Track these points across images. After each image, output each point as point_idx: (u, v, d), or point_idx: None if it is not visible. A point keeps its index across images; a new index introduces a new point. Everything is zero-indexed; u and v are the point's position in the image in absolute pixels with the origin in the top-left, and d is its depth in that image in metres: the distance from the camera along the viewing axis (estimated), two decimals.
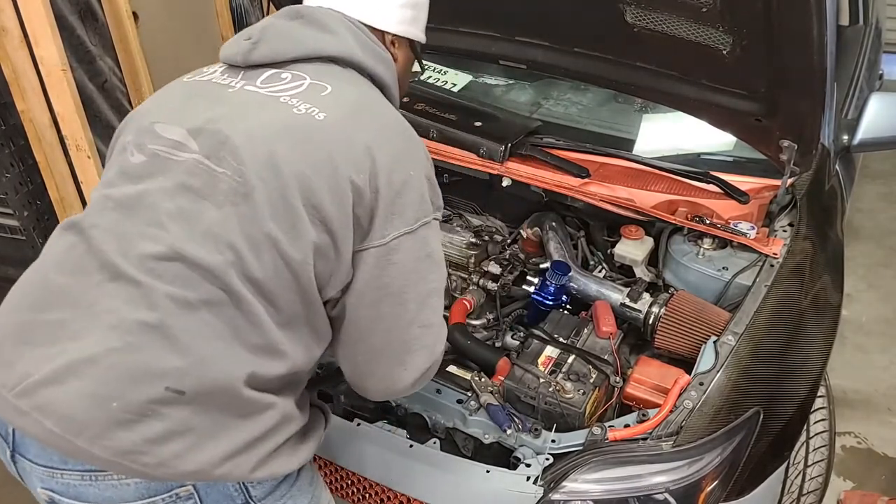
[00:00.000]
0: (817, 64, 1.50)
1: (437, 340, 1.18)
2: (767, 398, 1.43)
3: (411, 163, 1.14)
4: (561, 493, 1.30)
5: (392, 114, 1.19)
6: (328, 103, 1.11)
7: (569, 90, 2.40)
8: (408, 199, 1.11)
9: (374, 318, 1.13)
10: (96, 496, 1.04)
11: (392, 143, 1.13)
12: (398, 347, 1.15)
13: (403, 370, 1.16)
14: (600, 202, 1.85)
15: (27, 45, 2.61)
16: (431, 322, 1.17)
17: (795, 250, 1.67)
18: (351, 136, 1.09)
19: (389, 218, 1.10)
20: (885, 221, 3.67)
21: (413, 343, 1.15)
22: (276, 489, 1.14)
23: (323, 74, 1.16)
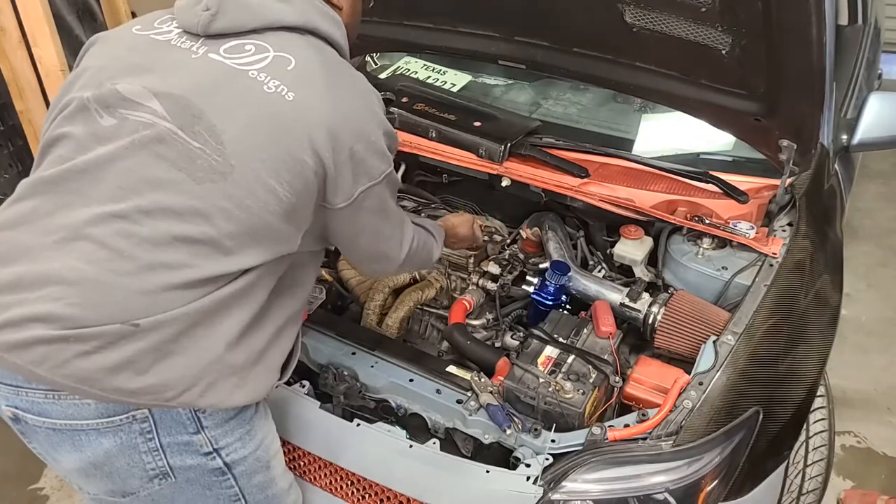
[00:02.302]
0: (816, 63, 1.50)
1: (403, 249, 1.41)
2: (767, 398, 1.43)
3: (373, 125, 1.22)
4: (560, 492, 1.30)
5: (351, 79, 1.23)
6: (295, 80, 1.15)
7: (568, 90, 2.40)
8: (373, 160, 1.21)
9: (355, 242, 1.35)
10: (59, 413, 1.13)
11: (356, 112, 1.20)
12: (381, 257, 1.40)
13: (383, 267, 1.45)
14: (600, 202, 1.85)
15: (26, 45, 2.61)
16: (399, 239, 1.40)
17: (795, 250, 1.67)
18: (320, 116, 1.15)
19: (358, 179, 1.21)
20: (885, 221, 3.67)
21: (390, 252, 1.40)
22: (226, 423, 1.21)
23: (285, 45, 1.19)
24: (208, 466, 1.22)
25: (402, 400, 1.55)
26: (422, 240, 1.49)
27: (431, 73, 2.47)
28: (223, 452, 1.22)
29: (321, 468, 1.56)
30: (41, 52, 2.59)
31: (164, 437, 1.16)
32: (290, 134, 1.13)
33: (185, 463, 1.20)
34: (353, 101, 1.20)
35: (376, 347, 1.64)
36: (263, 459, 1.30)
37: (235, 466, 1.25)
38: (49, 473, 2.47)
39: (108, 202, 1.10)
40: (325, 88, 1.17)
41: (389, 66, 2.57)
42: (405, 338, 1.91)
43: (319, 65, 1.20)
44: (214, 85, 1.15)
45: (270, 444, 1.33)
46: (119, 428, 1.14)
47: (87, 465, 1.17)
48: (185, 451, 1.19)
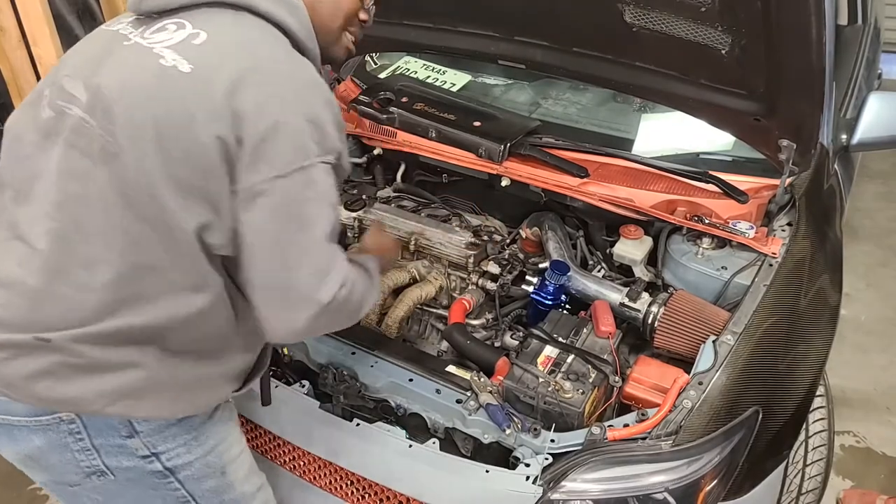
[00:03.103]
0: (816, 63, 1.50)
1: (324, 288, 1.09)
2: (766, 397, 1.43)
3: (285, 105, 1.07)
4: (560, 492, 1.30)
5: (271, 54, 1.12)
6: (198, 53, 1.09)
7: (568, 90, 2.40)
8: (277, 145, 1.05)
9: (255, 260, 1.10)
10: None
11: (261, 86, 1.07)
12: (286, 292, 1.10)
13: (291, 314, 1.10)
14: (599, 202, 1.85)
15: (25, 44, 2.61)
16: (318, 268, 1.10)
17: (794, 250, 1.68)
18: (213, 88, 1.06)
19: (255, 164, 1.05)
20: (884, 221, 3.67)
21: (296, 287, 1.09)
22: (165, 429, 1.20)
23: (206, 21, 1.13)
24: (147, 469, 1.21)
25: (402, 400, 1.55)
26: (359, 284, 1.18)
27: (431, 72, 2.47)
28: (163, 457, 1.21)
29: (321, 468, 1.56)
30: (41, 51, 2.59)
31: (95, 439, 1.17)
32: (183, 107, 1.06)
33: (121, 464, 1.19)
34: (270, 80, 1.08)
35: (376, 347, 1.64)
36: (215, 465, 1.28)
37: (179, 471, 1.23)
38: None
39: (37, 201, 1.12)
40: (234, 62, 1.08)
41: (389, 66, 2.57)
42: (405, 337, 1.91)
43: (236, 39, 1.12)
44: (121, 65, 1.13)
45: (226, 449, 1.30)
46: (48, 427, 1.15)
47: (24, 457, 1.20)
48: (120, 453, 1.19)
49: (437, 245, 1.94)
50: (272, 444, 1.63)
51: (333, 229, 1.12)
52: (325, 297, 1.09)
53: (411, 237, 1.96)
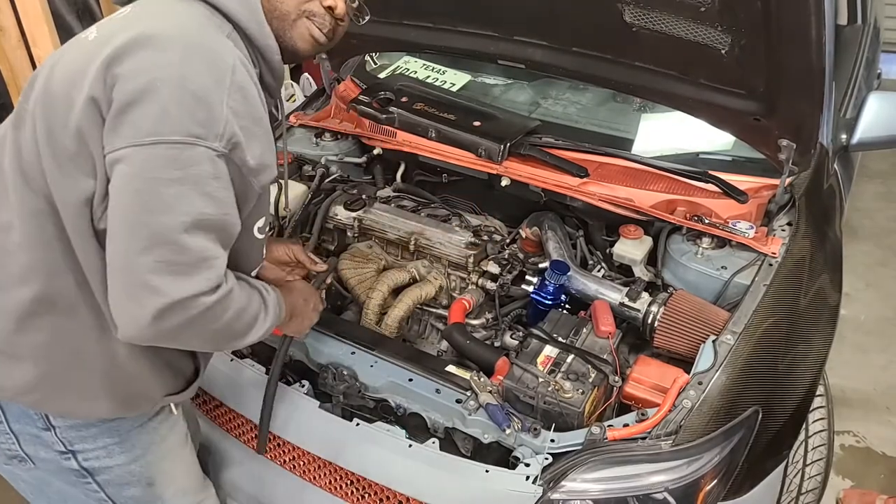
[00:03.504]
0: (816, 63, 1.50)
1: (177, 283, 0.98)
2: (766, 397, 1.43)
3: (165, 71, 0.98)
4: (560, 492, 1.30)
5: (182, 26, 1.04)
6: (109, 23, 1.09)
7: (567, 90, 2.40)
8: (143, 110, 0.97)
9: (111, 234, 1.01)
10: None
11: (148, 50, 1.00)
12: (129, 277, 0.99)
13: (134, 305, 0.99)
14: (599, 202, 1.85)
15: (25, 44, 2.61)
16: (169, 259, 0.98)
17: (794, 249, 1.68)
18: (103, 51, 1.01)
19: (117, 128, 0.98)
20: (884, 221, 3.67)
21: (142, 275, 0.98)
22: (84, 428, 1.18)
23: (148, 4, 1.11)
24: (64, 465, 1.20)
25: (402, 399, 1.55)
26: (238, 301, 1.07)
27: (431, 72, 2.47)
28: (80, 457, 1.20)
29: (321, 468, 1.56)
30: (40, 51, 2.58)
31: (13, 424, 1.17)
32: (73, 71, 1.04)
33: (39, 454, 1.19)
34: (161, 46, 1.00)
35: (376, 347, 1.64)
36: (140, 475, 1.25)
37: (98, 473, 1.22)
38: None
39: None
40: (134, 29, 1.02)
41: (389, 66, 2.57)
42: (405, 337, 1.91)
43: (152, 12, 1.08)
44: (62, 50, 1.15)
45: (155, 461, 1.27)
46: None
47: None
48: (37, 443, 1.19)
49: (437, 245, 1.94)
50: (272, 444, 1.63)
51: (207, 223, 1.00)
52: (177, 293, 0.97)
53: (411, 237, 1.96)
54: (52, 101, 1.05)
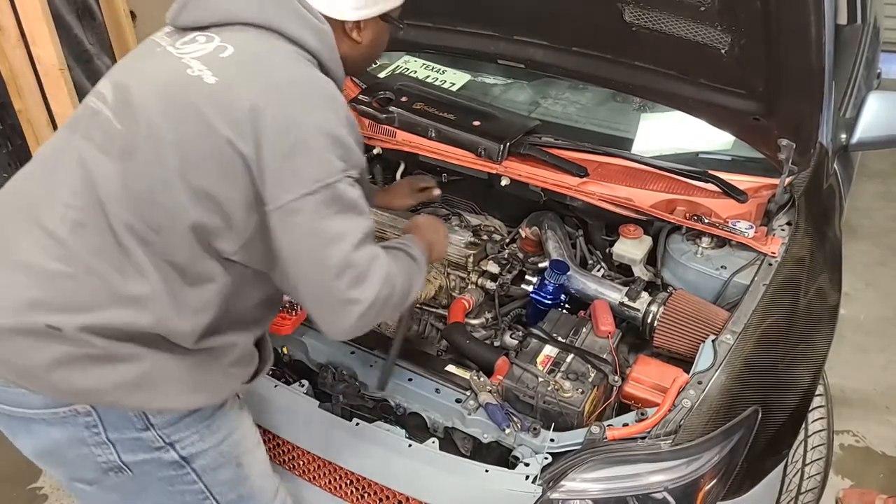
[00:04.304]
0: (815, 63, 1.50)
1: (365, 291, 1.14)
2: (766, 397, 1.43)
3: (307, 121, 1.09)
4: (560, 492, 1.30)
5: (292, 73, 1.14)
6: (223, 65, 1.12)
7: (567, 89, 2.40)
8: (302, 163, 1.08)
9: (298, 273, 1.14)
10: (11, 400, 1.16)
11: (284, 102, 1.10)
12: (331, 299, 1.15)
13: (339, 317, 1.16)
14: (599, 201, 1.85)
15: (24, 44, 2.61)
16: (355, 276, 1.13)
17: (794, 249, 1.68)
18: (235, 99, 1.09)
19: (282, 183, 1.08)
20: (883, 220, 3.67)
21: (341, 295, 1.13)
22: (180, 420, 1.21)
23: (234, 38, 1.16)
24: (163, 460, 1.21)
25: (401, 399, 1.55)
26: (400, 276, 1.23)
27: (430, 72, 2.47)
28: (178, 446, 1.22)
29: (320, 467, 1.56)
30: (40, 51, 2.59)
31: (110, 433, 1.17)
32: (200, 117, 1.08)
33: (137, 458, 1.20)
34: (291, 97, 1.11)
35: (375, 347, 1.64)
36: (229, 454, 1.28)
37: (194, 460, 1.24)
38: (48, 473, 2.46)
39: (55, 187, 1.15)
40: (256, 77, 1.12)
41: (389, 66, 2.57)
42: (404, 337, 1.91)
43: (260, 56, 1.15)
44: (151, 72, 1.18)
45: (239, 440, 1.31)
46: (65, 420, 1.15)
47: (42, 452, 1.20)
48: (135, 447, 1.19)
49: None
50: (272, 444, 1.63)
51: (366, 235, 1.16)
52: (368, 298, 1.14)
53: None
54: (183, 143, 1.09)
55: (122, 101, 1.15)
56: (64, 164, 1.16)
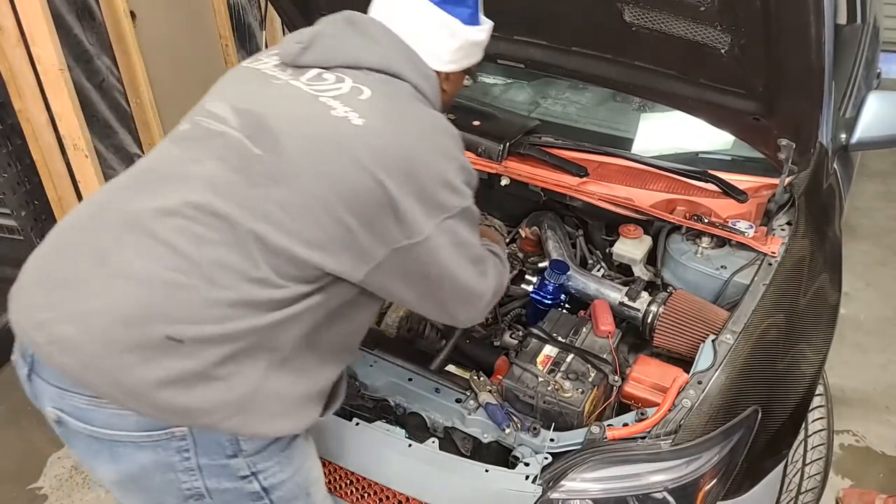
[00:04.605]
0: (815, 63, 1.50)
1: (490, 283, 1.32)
2: (766, 397, 1.44)
3: (444, 160, 1.20)
4: (560, 491, 1.30)
5: (426, 116, 1.25)
6: (365, 108, 1.18)
7: (567, 89, 2.40)
8: (444, 194, 1.19)
9: (440, 284, 1.25)
10: (101, 421, 1.12)
11: (426, 144, 1.20)
12: (467, 298, 1.29)
13: (474, 309, 1.32)
14: (599, 201, 1.85)
15: (24, 43, 2.60)
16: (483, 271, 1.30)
17: (794, 249, 1.68)
18: (385, 142, 1.16)
19: (431, 213, 1.18)
20: (883, 220, 3.67)
21: (485, 293, 1.30)
22: (265, 448, 1.19)
23: (364, 80, 1.23)
24: (245, 490, 1.20)
25: (401, 399, 1.55)
26: (500, 268, 1.40)
27: None
28: (261, 476, 1.20)
29: None
30: (40, 51, 2.58)
31: (201, 458, 1.15)
32: (353, 156, 1.14)
33: (221, 485, 1.18)
34: (424, 136, 1.21)
35: (375, 346, 1.64)
36: (302, 485, 1.28)
37: (273, 491, 1.23)
38: (48, 473, 2.46)
39: (169, 198, 1.13)
40: (395, 120, 1.20)
41: None
42: (404, 337, 1.91)
43: (393, 99, 1.23)
44: (286, 104, 1.21)
45: (309, 469, 1.31)
46: (157, 444, 1.12)
47: (125, 477, 1.16)
48: (221, 474, 1.17)
49: None
50: None
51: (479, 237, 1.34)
52: (491, 288, 1.32)
53: None
54: (332, 176, 1.13)
55: (256, 126, 1.17)
56: (179, 178, 1.16)
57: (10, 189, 2.90)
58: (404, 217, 1.15)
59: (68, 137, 2.78)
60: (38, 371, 1.15)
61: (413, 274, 1.22)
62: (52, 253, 1.18)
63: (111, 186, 1.24)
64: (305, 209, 1.12)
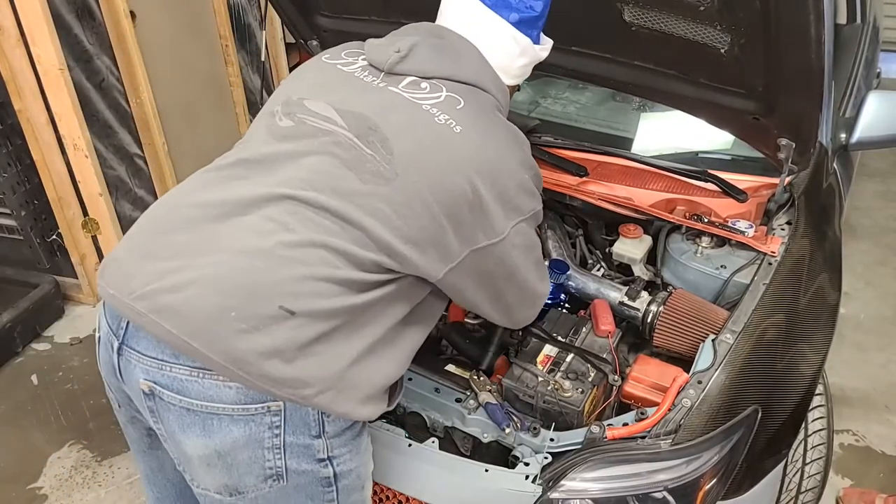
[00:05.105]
0: (815, 62, 1.50)
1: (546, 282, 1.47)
2: (766, 396, 1.44)
3: (525, 167, 1.32)
4: (560, 491, 1.30)
5: (509, 128, 1.35)
6: (463, 117, 1.26)
7: (567, 89, 2.40)
8: (522, 198, 1.30)
9: (509, 284, 1.36)
10: (198, 393, 1.12)
11: (511, 154, 1.30)
12: (534, 299, 1.44)
13: (534, 310, 1.47)
14: (599, 201, 1.85)
15: (24, 43, 2.61)
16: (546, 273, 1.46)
17: (793, 248, 1.68)
18: (481, 149, 1.25)
19: (509, 215, 1.28)
20: (883, 220, 3.68)
21: (543, 293, 1.45)
22: (343, 433, 1.22)
23: (457, 90, 1.31)
24: (319, 475, 1.22)
25: (401, 398, 1.55)
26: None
27: None
28: (335, 461, 1.22)
29: None
30: (39, 50, 2.59)
31: (289, 436, 1.16)
32: (455, 161, 1.22)
33: (300, 467, 1.19)
34: (508, 145, 1.31)
35: None
36: (363, 477, 1.31)
37: (341, 479, 1.24)
38: (48, 473, 2.47)
39: (279, 185, 1.18)
40: (487, 130, 1.29)
41: None
42: None
43: (483, 110, 1.33)
44: (391, 108, 1.27)
45: (367, 462, 1.33)
46: (252, 418, 1.13)
47: (212, 452, 1.16)
48: (303, 455, 1.19)
49: None
50: None
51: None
52: (548, 291, 1.47)
53: None
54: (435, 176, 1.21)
55: (365, 128, 1.23)
56: (293, 167, 1.21)
57: (9, 189, 2.90)
58: (488, 218, 1.25)
59: (68, 137, 2.79)
60: (132, 343, 1.16)
61: (486, 274, 1.31)
62: (150, 233, 1.21)
63: (205, 172, 1.28)
64: (408, 207, 1.18)
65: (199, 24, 3.36)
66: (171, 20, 3.20)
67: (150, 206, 1.29)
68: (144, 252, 1.17)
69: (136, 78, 2.97)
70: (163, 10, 3.14)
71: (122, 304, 1.12)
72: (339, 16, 2.14)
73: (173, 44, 3.22)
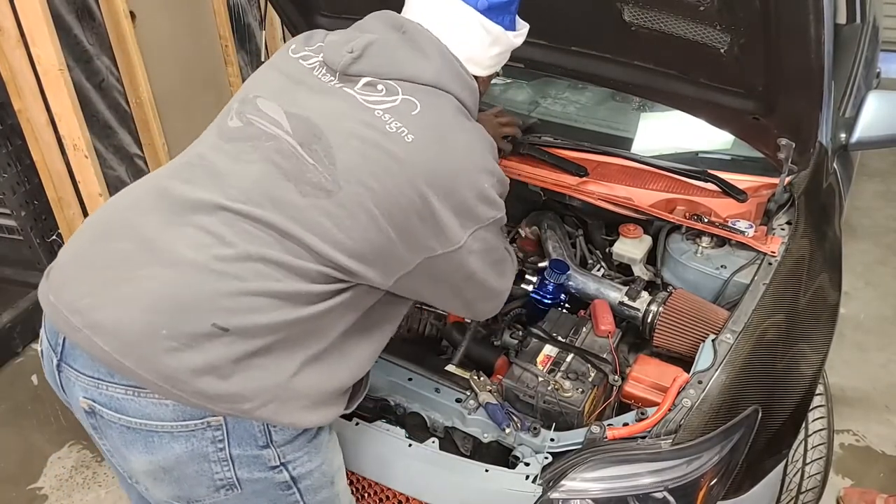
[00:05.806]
0: (815, 62, 1.50)
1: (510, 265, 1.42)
2: (766, 396, 1.43)
3: (485, 174, 1.24)
4: (560, 491, 1.30)
5: (471, 133, 1.27)
6: (416, 125, 1.20)
7: (566, 89, 2.40)
8: (482, 208, 1.23)
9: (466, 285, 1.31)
10: (136, 411, 1.12)
11: (469, 162, 1.23)
12: (496, 298, 1.40)
13: (497, 305, 1.43)
14: (599, 201, 1.85)
15: (24, 44, 2.61)
16: (505, 256, 1.39)
17: (793, 248, 1.68)
18: (434, 160, 1.19)
19: (466, 224, 1.22)
20: (883, 219, 3.68)
21: (504, 291, 1.41)
22: (295, 439, 1.21)
23: (414, 92, 1.24)
24: (275, 480, 1.21)
25: (401, 399, 1.55)
26: (514, 264, 1.46)
27: None
28: (290, 466, 1.22)
29: None
30: (39, 51, 2.58)
31: (234, 449, 1.16)
32: (403, 173, 1.16)
33: (252, 476, 1.19)
34: (467, 153, 1.24)
35: None
36: (328, 475, 1.30)
37: (301, 481, 1.24)
38: (48, 473, 2.46)
39: (218, 195, 1.15)
40: (443, 138, 1.22)
41: None
42: (404, 337, 1.91)
43: (441, 114, 1.25)
44: (340, 114, 1.21)
45: (333, 459, 1.32)
46: (192, 433, 1.13)
47: (157, 468, 1.16)
48: (253, 464, 1.18)
49: None
50: None
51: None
52: (509, 286, 1.42)
53: None
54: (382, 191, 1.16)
55: (311, 135, 1.18)
56: (231, 175, 1.17)
57: (9, 189, 2.90)
58: (443, 229, 1.20)
59: (68, 137, 2.78)
60: (70, 360, 1.15)
61: (441, 277, 1.27)
62: (92, 238, 1.19)
63: (156, 175, 1.25)
64: (352, 220, 1.15)
65: (199, 24, 3.35)
66: (171, 20, 3.19)
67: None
68: (86, 261, 1.16)
69: (136, 78, 2.96)
70: (163, 10, 3.14)
71: (60, 315, 1.11)
72: (338, 16, 2.14)
73: (173, 44, 3.21)
